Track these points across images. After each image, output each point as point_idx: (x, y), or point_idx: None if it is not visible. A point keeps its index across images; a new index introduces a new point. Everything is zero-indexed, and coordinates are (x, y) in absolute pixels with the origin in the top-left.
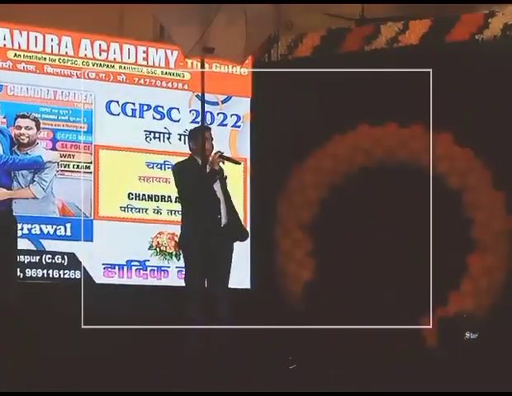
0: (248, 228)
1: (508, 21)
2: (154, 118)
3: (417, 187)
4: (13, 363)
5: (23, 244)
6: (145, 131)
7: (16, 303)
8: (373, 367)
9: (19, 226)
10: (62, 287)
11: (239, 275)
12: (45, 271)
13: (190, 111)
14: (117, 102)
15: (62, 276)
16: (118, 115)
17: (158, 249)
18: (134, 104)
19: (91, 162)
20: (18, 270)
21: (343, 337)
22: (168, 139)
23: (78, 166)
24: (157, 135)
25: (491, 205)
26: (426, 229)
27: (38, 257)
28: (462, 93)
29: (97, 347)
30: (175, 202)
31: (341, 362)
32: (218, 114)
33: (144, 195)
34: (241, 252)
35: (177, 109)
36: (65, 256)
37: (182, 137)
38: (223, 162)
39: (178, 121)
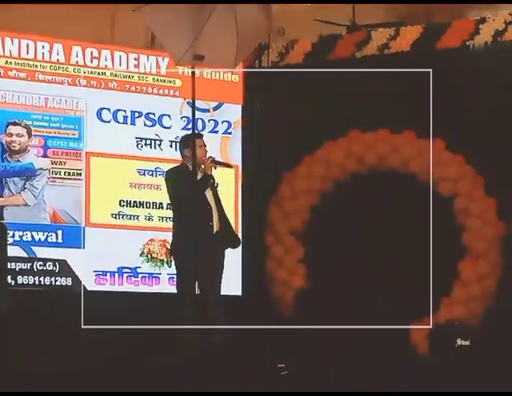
0: (240, 235)
1: (499, 28)
2: (145, 125)
3: (409, 193)
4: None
5: (14, 251)
6: (137, 138)
7: (7, 309)
8: (371, 368)
9: (10, 233)
10: (53, 294)
11: (231, 282)
12: (36, 278)
13: (181, 118)
14: (108, 109)
15: (53, 283)
16: (109, 122)
17: (149, 256)
18: (125, 111)
19: (82, 169)
20: (9, 277)
21: (336, 341)
22: (160, 145)
23: (69, 173)
24: (148, 142)
25: (483, 211)
26: (418, 236)
27: (29, 264)
28: (453, 99)
29: (93, 349)
30: (166, 209)
31: (336, 363)
32: (209, 121)
33: (135, 202)
34: (233, 259)
35: (169, 116)
36: (57, 263)
37: (174, 144)
38: (215, 167)
39: (170, 128)
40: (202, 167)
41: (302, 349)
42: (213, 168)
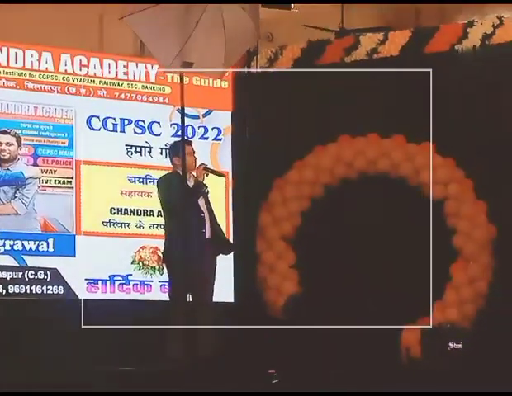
0: (231, 241)
1: (487, 31)
2: (135, 132)
3: (399, 197)
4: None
5: (5, 261)
6: (127, 145)
7: None
8: (365, 371)
9: (1, 242)
10: (45, 302)
11: (223, 289)
12: (27, 287)
13: (171, 125)
14: (98, 117)
15: (45, 292)
16: (99, 129)
17: (140, 263)
18: (115, 119)
19: (72, 178)
20: (0, 286)
21: (329, 345)
22: (150, 153)
23: (59, 181)
24: (138, 149)
25: (473, 213)
26: (409, 239)
27: (20, 273)
28: (442, 103)
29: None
30: (157, 216)
31: (329, 366)
32: (199, 127)
33: (126, 209)
34: (224, 266)
35: (158, 123)
36: (48, 272)
37: (164, 151)
38: (207, 175)
39: (159, 135)
40: (194, 174)
41: (294, 354)
42: (205, 176)
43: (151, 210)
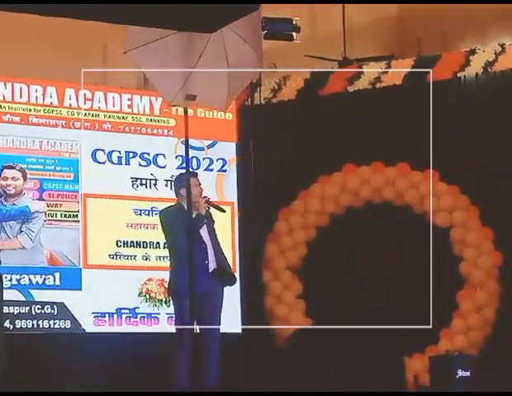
0: (238, 272)
1: (489, 58)
2: (140, 165)
3: (404, 225)
4: None
5: (12, 295)
6: (132, 178)
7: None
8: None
9: (8, 277)
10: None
11: (230, 320)
12: (34, 322)
13: (176, 157)
14: (103, 150)
15: (52, 326)
16: (104, 163)
17: (147, 296)
18: (119, 152)
19: (78, 211)
20: (8, 321)
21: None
22: (155, 185)
23: (65, 215)
24: (143, 182)
25: (479, 241)
26: (415, 267)
27: (27, 308)
28: (446, 130)
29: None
30: (163, 248)
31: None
32: (204, 159)
33: (132, 242)
34: (231, 296)
35: (163, 155)
36: (55, 306)
37: (169, 183)
38: (208, 208)
39: (164, 167)
40: (197, 205)
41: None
42: (206, 209)
43: (157, 242)
